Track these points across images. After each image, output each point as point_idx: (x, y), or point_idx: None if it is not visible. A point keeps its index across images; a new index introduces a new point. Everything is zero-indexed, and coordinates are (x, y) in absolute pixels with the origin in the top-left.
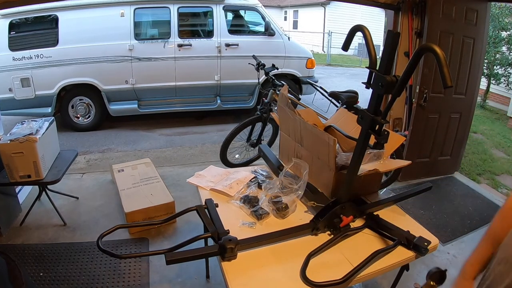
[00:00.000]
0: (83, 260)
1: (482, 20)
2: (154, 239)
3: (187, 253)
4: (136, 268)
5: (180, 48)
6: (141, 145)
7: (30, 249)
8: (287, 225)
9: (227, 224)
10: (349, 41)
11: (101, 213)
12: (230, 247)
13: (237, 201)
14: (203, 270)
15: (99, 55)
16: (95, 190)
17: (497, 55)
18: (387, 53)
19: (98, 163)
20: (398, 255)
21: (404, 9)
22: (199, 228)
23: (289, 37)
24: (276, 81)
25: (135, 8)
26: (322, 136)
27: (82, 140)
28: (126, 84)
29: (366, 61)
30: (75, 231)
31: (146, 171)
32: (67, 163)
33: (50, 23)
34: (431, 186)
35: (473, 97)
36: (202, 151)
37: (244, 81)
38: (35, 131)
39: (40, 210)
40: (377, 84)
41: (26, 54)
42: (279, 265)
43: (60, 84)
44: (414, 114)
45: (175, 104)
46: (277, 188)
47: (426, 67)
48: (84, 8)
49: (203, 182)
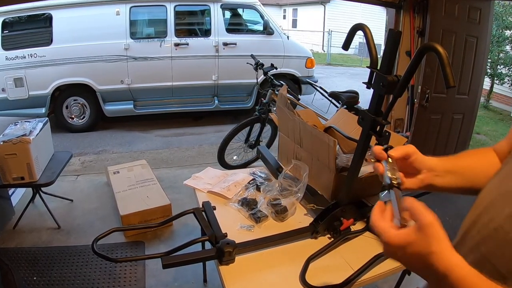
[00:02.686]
0: (77, 264)
1: (485, 18)
2: (150, 242)
3: (184, 257)
4: (132, 272)
5: (177, 47)
6: (137, 146)
7: (23, 253)
8: (286, 228)
9: (225, 227)
10: (349, 40)
11: (96, 216)
12: (228, 251)
13: (235, 203)
14: (201, 274)
15: (94, 55)
16: (90, 192)
17: (500, 54)
18: (389, 52)
19: (93, 165)
20: None
21: (405, 7)
22: (196, 231)
23: (288, 36)
24: (275, 81)
25: (131, 6)
26: (322, 137)
27: (77, 141)
28: (122, 84)
29: (366, 60)
30: (70, 234)
31: (142, 173)
32: (61, 164)
33: (44, 21)
34: None
35: (476, 98)
36: (199, 152)
37: (242, 81)
38: (28, 132)
39: (33, 213)
40: (378, 84)
41: (19, 54)
42: (278, 269)
43: (54, 84)
44: (416, 114)
45: (172, 105)
46: (276, 191)
47: (428, 66)
48: (79, 6)
49: (200, 184)
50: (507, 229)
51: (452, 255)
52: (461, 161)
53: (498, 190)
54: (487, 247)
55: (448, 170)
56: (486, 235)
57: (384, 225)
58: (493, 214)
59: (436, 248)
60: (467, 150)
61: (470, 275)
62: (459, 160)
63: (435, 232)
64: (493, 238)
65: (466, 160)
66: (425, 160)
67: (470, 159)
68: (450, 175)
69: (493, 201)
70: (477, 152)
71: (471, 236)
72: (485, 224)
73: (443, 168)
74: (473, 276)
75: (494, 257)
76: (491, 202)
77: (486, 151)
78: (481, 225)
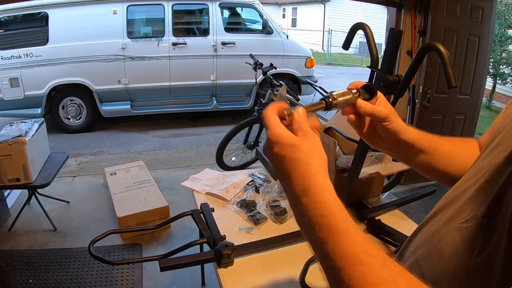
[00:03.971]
0: (74, 266)
1: (487, 17)
2: (147, 244)
3: (181, 259)
4: (129, 274)
5: (174, 47)
6: (134, 147)
7: (19, 255)
8: (286, 230)
9: (223, 229)
10: (349, 40)
11: (92, 217)
12: (227, 253)
13: (233, 205)
14: (199, 277)
15: (91, 54)
16: (87, 194)
17: (503, 54)
18: (389, 52)
19: (89, 166)
20: None
21: (406, 6)
22: (194, 233)
23: (288, 36)
24: (274, 81)
25: (128, 5)
26: (322, 138)
27: (73, 142)
28: (119, 84)
29: (367, 60)
30: (66, 236)
31: (139, 174)
32: (58, 166)
33: (40, 21)
34: (435, 190)
35: (479, 98)
36: (197, 153)
37: (241, 81)
38: (24, 133)
39: (29, 215)
40: (379, 84)
41: (15, 53)
42: (277, 271)
43: (50, 84)
44: (417, 115)
45: (170, 105)
46: (275, 192)
47: (429, 66)
48: (75, 5)
49: (198, 186)
50: (441, 236)
51: (326, 178)
52: (442, 146)
53: (452, 193)
54: (423, 251)
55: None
56: (425, 239)
57: (275, 119)
58: (437, 217)
59: (316, 162)
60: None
61: (331, 201)
62: (439, 144)
63: (320, 149)
64: (429, 243)
65: (447, 146)
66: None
67: (452, 146)
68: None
69: (443, 203)
70: (461, 141)
71: (415, 240)
72: (428, 227)
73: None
74: (334, 204)
75: (424, 263)
76: (441, 205)
77: (470, 142)
78: (426, 228)
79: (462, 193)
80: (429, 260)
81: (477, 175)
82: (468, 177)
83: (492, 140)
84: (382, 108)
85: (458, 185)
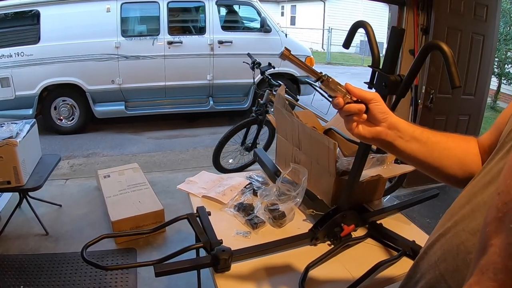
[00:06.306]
0: (66, 271)
1: (492, 15)
2: (142, 249)
3: (177, 265)
4: (123, 280)
5: (170, 46)
6: (128, 149)
7: (10, 260)
8: (284, 234)
9: (220, 233)
10: (350, 38)
11: (85, 221)
12: (224, 258)
13: (230, 209)
14: (195, 282)
15: (84, 53)
16: (79, 197)
17: (508, 53)
18: (391, 51)
19: (82, 168)
20: (402, 267)
21: (409, 3)
22: (190, 237)
23: (287, 34)
24: (272, 81)
25: (122, 3)
26: (321, 140)
27: (66, 143)
28: (113, 84)
29: (368, 59)
30: (58, 241)
31: (133, 177)
32: (50, 168)
33: (31, 19)
34: (438, 193)
35: (483, 98)
36: (193, 155)
37: (239, 80)
38: (15, 134)
39: (20, 219)
40: (381, 84)
41: (5, 52)
42: (275, 277)
43: (42, 84)
44: (420, 116)
45: (165, 106)
46: (274, 195)
47: (432, 66)
48: (68, 3)
49: (194, 189)
50: (469, 248)
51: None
52: (435, 136)
53: (469, 200)
54: (447, 264)
55: (416, 137)
56: (446, 251)
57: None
58: (459, 228)
59: None
60: (448, 133)
61: None
62: (433, 134)
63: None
64: (453, 256)
65: (441, 137)
66: (389, 114)
67: (446, 138)
68: (416, 143)
69: (463, 212)
70: (457, 136)
71: (433, 252)
72: (450, 238)
73: (410, 132)
74: None
75: (451, 278)
76: (461, 213)
77: (468, 139)
78: (445, 239)
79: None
80: (458, 276)
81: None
82: (484, 182)
83: (503, 141)
84: (369, 92)
85: (475, 192)
